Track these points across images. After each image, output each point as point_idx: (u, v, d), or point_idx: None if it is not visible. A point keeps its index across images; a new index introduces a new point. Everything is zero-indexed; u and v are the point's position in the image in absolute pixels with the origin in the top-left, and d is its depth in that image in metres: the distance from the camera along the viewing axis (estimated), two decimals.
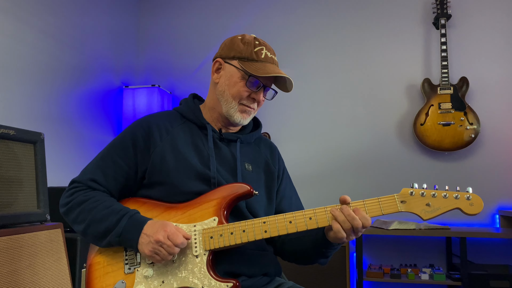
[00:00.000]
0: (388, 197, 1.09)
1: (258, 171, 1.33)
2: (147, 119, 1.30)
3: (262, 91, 1.28)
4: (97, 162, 1.26)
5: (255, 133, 1.38)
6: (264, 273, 1.24)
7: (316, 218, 1.11)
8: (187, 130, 1.30)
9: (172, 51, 3.70)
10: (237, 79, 1.26)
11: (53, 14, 2.74)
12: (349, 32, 3.38)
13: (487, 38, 3.14)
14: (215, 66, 1.32)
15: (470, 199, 1.05)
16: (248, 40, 1.28)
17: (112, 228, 1.13)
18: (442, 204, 1.06)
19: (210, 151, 1.25)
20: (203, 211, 1.17)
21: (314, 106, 3.38)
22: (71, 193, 1.22)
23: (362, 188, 3.22)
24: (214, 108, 1.32)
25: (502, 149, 3.05)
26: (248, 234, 1.12)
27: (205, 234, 1.13)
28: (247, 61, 1.25)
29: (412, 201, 1.08)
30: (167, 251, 1.08)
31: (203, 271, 1.11)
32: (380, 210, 1.09)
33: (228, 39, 1.33)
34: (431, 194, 1.07)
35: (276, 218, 1.12)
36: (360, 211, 1.08)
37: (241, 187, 1.17)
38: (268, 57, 1.27)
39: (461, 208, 1.05)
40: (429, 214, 1.07)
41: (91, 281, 1.19)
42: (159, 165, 1.22)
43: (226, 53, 1.30)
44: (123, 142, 1.26)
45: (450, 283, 2.68)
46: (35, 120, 2.55)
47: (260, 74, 1.22)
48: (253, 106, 1.28)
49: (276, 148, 1.44)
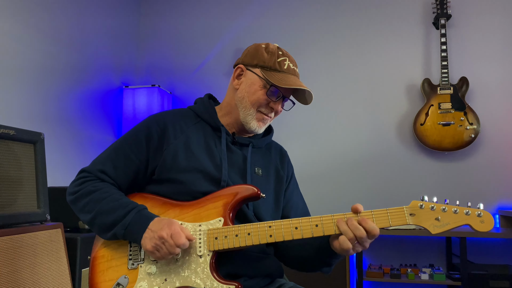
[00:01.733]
0: (397, 209, 1.07)
1: (268, 176, 1.33)
2: (163, 116, 1.31)
3: (281, 101, 1.29)
4: (109, 154, 1.26)
5: (267, 138, 1.39)
6: (266, 274, 1.24)
7: (322, 226, 1.09)
8: (201, 130, 1.30)
9: (172, 51, 3.70)
10: (258, 87, 1.26)
11: (53, 14, 2.74)
12: (349, 32, 3.38)
13: (487, 38, 3.14)
14: (236, 72, 1.32)
15: (481, 216, 1.03)
16: (272, 50, 1.29)
17: (119, 220, 1.14)
18: (452, 219, 1.04)
19: (222, 154, 1.26)
20: (209, 211, 1.17)
21: (314, 106, 3.37)
22: (80, 183, 1.23)
23: (362, 188, 3.22)
24: (231, 113, 1.32)
25: (502, 149, 3.05)
26: (253, 237, 1.11)
27: (210, 235, 1.13)
28: (270, 70, 1.26)
29: (421, 215, 1.06)
30: (168, 249, 1.08)
31: (206, 271, 1.11)
32: (388, 221, 1.07)
33: (251, 47, 1.34)
34: (441, 208, 1.05)
35: (282, 223, 1.12)
36: (366, 220, 1.06)
37: (248, 189, 1.17)
38: (290, 69, 1.28)
39: (471, 225, 1.03)
40: (438, 229, 1.05)
41: (94, 274, 1.19)
42: (170, 163, 1.22)
43: (249, 61, 1.30)
44: (137, 136, 1.26)
45: (450, 283, 2.68)
46: (35, 120, 2.55)
47: (282, 86, 1.23)
48: (270, 115, 1.30)
49: (286, 153, 1.45)
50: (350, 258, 2.99)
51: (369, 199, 3.17)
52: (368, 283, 3.13)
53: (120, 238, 1.16)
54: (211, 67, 3.59)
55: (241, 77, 1.31)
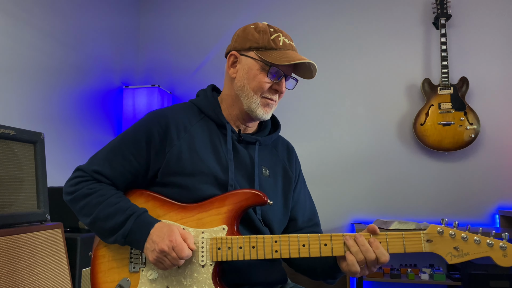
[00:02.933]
0: (414, 234, 1.00)
1: (276, 177, 1.27)
2: (165, 113, 1.21)
3: (284, 81, 1.20)
4: (107, 153, 1.19)
5: (273, 135, 1.31)
6: (269, 282, 1.20)
7: (331, 245, 1.04)
8: (205, 128, 1.22)
9: (172, 51, 3.70)
10: (256, 71, 1.18)
11: (53, 14, 2.74)
12: (349, 32, 3.38)
13: (487, 38, 3.14)
14: (230, 60, 1.23)
15: (504, 250, 0.96)
16: (263, 28, 1.19)
17: (118, 228, 1.09)
18: (472, 250, 0.97)
19: (229, 155, 1.19)
20: (212, 216, 1.11)
21: (314, 106, 3.38)
22: (75, 182, 1.17)
23: (361, 189, 3.21)
24: (234, 105, 1.24)
25: (502, 149, 3.05)
26: (257, 252, 1.06)
27: (213, 244, 1.08)
28: (265, 50, 1.17)
29: (439, 242, 0.99)
30: (171, 262, 1.05)
31: (208, 282, 1.08)
32: (402, 247, 1.01)
33: (239, 30, 1.24)
34: (461, 236, 0.98)
35: (289, 239, 1.06)
36: (376, 243, 1.00)
37: (255, 195, 1.11)
38: (286, 44, 1.19)
39: (493, 258, 0.96)
40: (455, 259, 0.97)
41: (96, 274, 1.18)
42: (175, 166, 1.15)
43: (241, 45, 1.21)
44: (136, 136, 1.18)
45: (450, 283, 2.68)
46: (35, 120, 2.55)
47: (282, 63, 1.14)
48: (275, 98, 1.21)
49: (293, 149, 1.38)
50: None
51: (369, 199, 3.17)
52: (368, 283, 3.13)
53: (122, 245, 1.13)
54: (211, 67, 3.59)
55: (236, 64, 1.22)
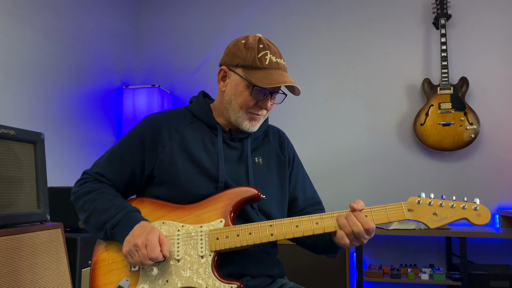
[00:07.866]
0: (395, 205, 1.10)
1: (270, 164, 1.32)
2: (157, 116, 1.31)
3: (269, 98, 1.24)
4: (107, 156, 1.30)
5: (263, 125, 1.35)
6: (267, 275, 1.24)
7: (322, 223, 1.11)
8: (197, 129, 1.29)
9: (172, 51, 3.70)
10: (242, 88, 1.21)
11: (53, 14, 2.74)
12: (349, 32, 3.38)
13: (487, 38, 3.14)
14: (220, 74, 1.27)
15: (477, 210, 1.06)
16: (252, 45, 1.21)
17: (109, 220, 1.16)
18: (449, 213, 1.07)
19: (219, 153, 1.25)
20: (210, 212, 1.17)
21: (314, 106, 3.38)
22: (81, 183, 1.27)
23: (361, 188, 3.22)
24: (223, 115, 1.30)
25: (502, 149, 3.05)
26: (254, 237, 1.12)
27: (211, 235, 1.14)
28: (251, 69, 1.20)
29: (419, 210, 1.09)
30: (140, 258, 1.08)
31: (208, 271, 1.11)
32: (386, 217, 1.10)
33: (231, 44, 1.28)
34: (438, 203, 1.08)
35: (283, 221, 1.13)
36: (360, 214, 1.09)
37: (248, 191, 1.18)
38: (272, 63, 1.20)
39: (468, 218, 1.06)
40: (436, 223, 1.08)
41: (95, 278, 1.19)
42: (168, 165, 1.22)
43: (230, 61, 1.24)
44: (132, 139, 1.28)
45: (450, 283, 2.68)
46: (35, 120, 2.55)
47: (263, 85, 1.17)
48: (261, 113, 1.25)
49: (284, 134, 1.42)
50: (350, 258, 2.99)
51: (369, 199, 3.17)
52: (368, 283, 3.13)
53: (110, 238, 1.18)
54: (211, 67, 3.59)
55: (226, 79, 1.26)
